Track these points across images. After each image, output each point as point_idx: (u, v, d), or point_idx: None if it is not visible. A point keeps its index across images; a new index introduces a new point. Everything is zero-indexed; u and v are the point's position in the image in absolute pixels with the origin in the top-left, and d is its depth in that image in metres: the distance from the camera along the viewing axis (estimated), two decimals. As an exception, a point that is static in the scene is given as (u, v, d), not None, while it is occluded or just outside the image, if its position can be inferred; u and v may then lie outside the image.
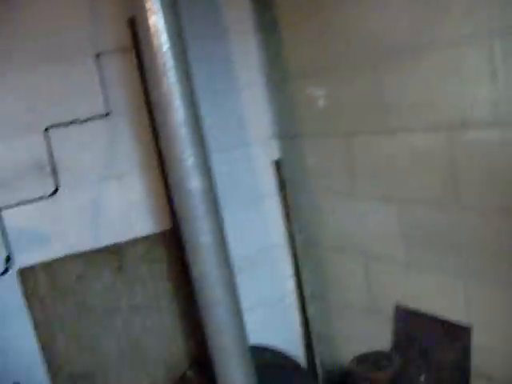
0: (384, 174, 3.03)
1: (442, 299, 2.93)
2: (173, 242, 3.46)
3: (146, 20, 2.44)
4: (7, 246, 3.24)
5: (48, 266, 3.33)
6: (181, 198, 2.58)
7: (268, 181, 3.85)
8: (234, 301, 2.72)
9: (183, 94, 2.50)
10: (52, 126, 3.24)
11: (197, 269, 2.64)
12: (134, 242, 3.48)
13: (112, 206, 3.45)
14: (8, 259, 3.23)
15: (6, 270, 3.23)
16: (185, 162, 2.51)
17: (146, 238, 3.51)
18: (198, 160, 2.54)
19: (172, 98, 2.47)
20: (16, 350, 3.27)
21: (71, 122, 3.30)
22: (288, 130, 3.76)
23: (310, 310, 3.94)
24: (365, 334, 3.50)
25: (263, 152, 3.82)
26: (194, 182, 2.54)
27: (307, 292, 3.94)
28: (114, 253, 3.44)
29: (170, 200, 3.25)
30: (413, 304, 3.13)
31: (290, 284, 3.99)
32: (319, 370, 4.02)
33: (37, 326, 3.33)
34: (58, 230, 3.35)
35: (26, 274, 3.29)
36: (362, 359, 3.08)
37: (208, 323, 2.73)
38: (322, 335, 3.94)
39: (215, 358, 2.79)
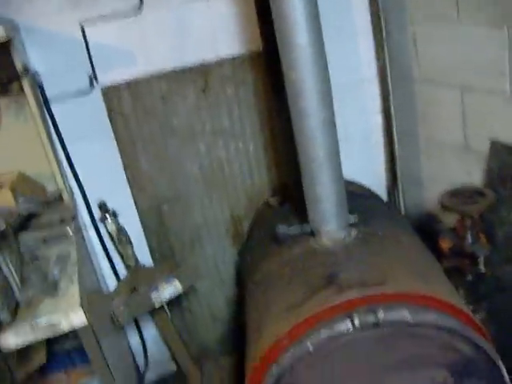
0: (494, -7, 2.73)
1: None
2: (261, 65, 3.30)
3: None
4: (91, 64, 3.13)
5: (132, 86, 3.27)
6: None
7: (361, 11, 3.56)
8: (329, 110, 2.57)
9: None
10: None
11: (292, 74, 2.48)
12: (220, 62, 3.34)
13: (198, 26, 3.28)
14: (92, 77, 3.14)
15: (90, 89, 3.15)
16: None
17: (232, 60, 3.36)
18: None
19: None
20: (101, 168, 3.28)
21: None
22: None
23: (398, 149, 3.76)
24: (454, 173, 3.35)
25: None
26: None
27: (395, 129, 3.74)
28: (199, 73, 3.33)
29: (260, 19, 3.06)
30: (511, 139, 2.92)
31: (378, 121, 3.82)
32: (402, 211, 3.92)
33: (121, 146, 3.33)
34: (143, 48, 3.24)
35: (110, 93, 3.25)
36: (454, 193, 2.94)
37: (300, 133, 2.60)
38: (408, 175, 3.81)
39: (305, 172, 2.69)
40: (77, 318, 2.15)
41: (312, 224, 2.73)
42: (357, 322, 2.16)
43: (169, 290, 3.00)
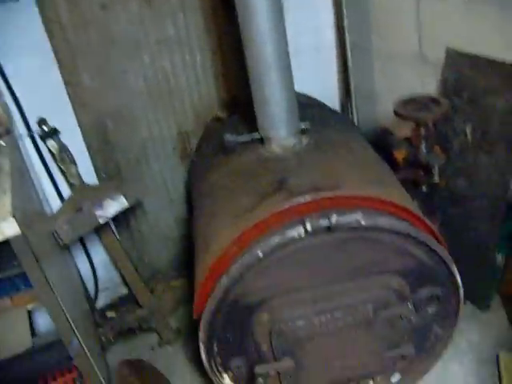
0: None
1: (504, 39, 2.62)
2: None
3: None
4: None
5: (69, -9, 2.98)
6: None
7: None
8: (278, 5, 2.42)
9: None
10: None
11: None
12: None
13: None
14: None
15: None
16: None
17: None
18: None
19: None
20: (39, 83, 3.06)
21: None
22: None
23: (350, 62, 3.63)
24: (408, 85, 3.27)
25: None
26: None
27: (348, 41, 3.60)
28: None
29: None
30: (468, 47, 2.84)
31: (331, 33, 3.67)
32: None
33: (60, 59, 3.10)
34: None
35: (45, -1, 2.94)
36: (408, 101, 2.84)
37: (248, 31, 2.46)
38: (361, 89, 3.71)
39: (253, 75, 2.55)
40: (8, 228, 2.02)
41: (261, 131, 2.61)
42: (309, 226, 2.07)
43: (114, 205, 2.87)
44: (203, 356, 2.38)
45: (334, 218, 2.05)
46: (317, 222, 2.06)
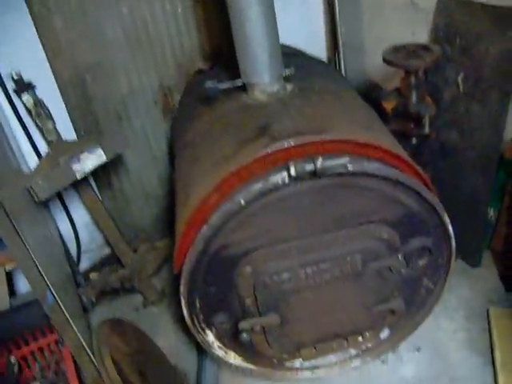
0: None
1: None
2: None
3: None
4: None
5: None
6: None
7: None
8: None
9: None
10: None
11: None
12: None
13: None
14: None
15: None
16: None
17: None
18: None
19: None
20: (11, 35, 2.91)
21: None
22: None
23: (338, 12, 3.48)
24: (398, 34, 3.15)
25: None
26: None
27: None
28: None
29: None
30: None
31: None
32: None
33: (32, 8, 2.93)
34: None
35: None
36: (398, 49, 2.72)
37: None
38: (350, 40, 3.57)
39: (234, 13, 2.43)
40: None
41: (244, 78, 2.50)
42: (293, 171, 1.96)
43: (92, 159, 2.74)
44: (185, 312, 2.30)
45: (320, 162, 1.95)
46: (301, 167, 1.96)
